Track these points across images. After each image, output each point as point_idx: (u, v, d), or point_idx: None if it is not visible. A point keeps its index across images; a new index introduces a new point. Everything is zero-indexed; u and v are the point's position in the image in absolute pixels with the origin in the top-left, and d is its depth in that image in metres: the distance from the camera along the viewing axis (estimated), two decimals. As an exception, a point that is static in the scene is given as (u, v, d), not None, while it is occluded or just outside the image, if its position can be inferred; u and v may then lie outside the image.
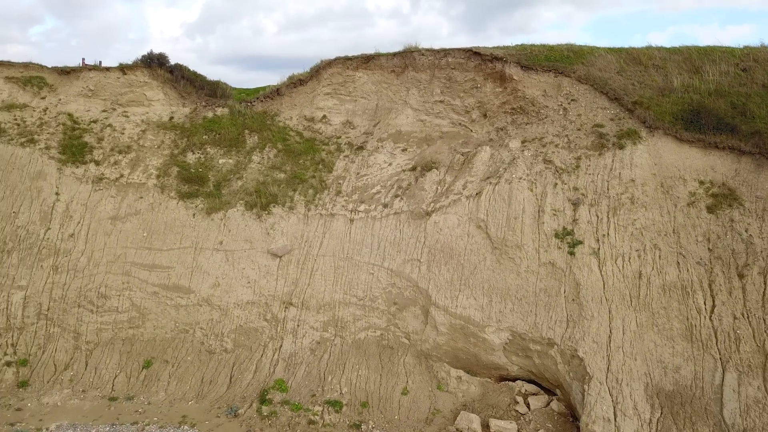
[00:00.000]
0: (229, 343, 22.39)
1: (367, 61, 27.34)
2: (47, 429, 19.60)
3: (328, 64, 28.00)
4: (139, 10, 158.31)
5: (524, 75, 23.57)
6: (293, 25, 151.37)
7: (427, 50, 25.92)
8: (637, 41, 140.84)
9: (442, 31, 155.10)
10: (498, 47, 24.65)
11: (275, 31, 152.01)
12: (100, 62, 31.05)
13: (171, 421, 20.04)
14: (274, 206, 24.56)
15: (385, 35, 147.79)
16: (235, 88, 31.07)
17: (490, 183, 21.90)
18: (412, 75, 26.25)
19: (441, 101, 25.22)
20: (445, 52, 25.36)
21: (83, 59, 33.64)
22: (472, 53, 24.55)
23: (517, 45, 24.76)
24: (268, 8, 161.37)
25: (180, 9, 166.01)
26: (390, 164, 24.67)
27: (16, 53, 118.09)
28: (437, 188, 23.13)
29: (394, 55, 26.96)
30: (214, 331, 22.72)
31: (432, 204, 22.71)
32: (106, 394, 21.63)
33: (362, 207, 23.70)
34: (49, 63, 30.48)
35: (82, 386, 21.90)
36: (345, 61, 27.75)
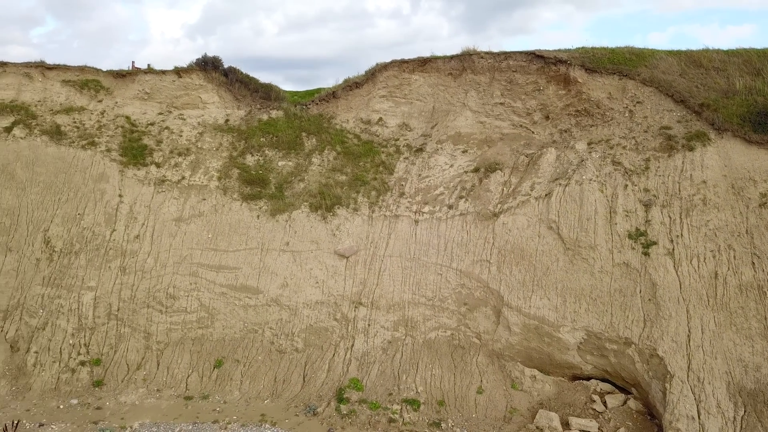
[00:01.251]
0: (300, 343, 22.69)
1: (423, 64, 27.64)
2: (131, 427, 19.89)
3: (383, 67, 28.31)
4: (140, 11, 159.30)
5: (588, 78, 23.85)
6: (293, 25, 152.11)
7: (486, 53, 26.21)
8: (637, 41, 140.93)
9: (443, 31, 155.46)
10: (560, 50, 24.94)
11: (275, 31, 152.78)
12: (131, 64, 31.41)
13: (250, 419, 20.35)
14: (338, 208, 24.86)
15: (385, 36, 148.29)
16: (286, 91, 31.35)
17: (560, 184, 22.15)
18: (471, 77, 26.52)
19: (501, 103, 25.50)
20: (506, 55, 25.64)
21: (133, 62, 34.16)
22: (535, 56, 24.84)
23: (578, 48, 25.04)
24: (268, 9, 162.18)
25: (180, 10, 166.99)
26: (451, 166, 24.95)
27: (17, 55, 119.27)
28: (503, 189, 23.40)
29: (451, 57, 27.25)
30: (284, 330, 23.01)
31: (499, 205, 22.98)
32: (180, 393, 21.95)
33: (426, 208, 23.99)
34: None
35: (156, 385, 22.21)
36: (401, 64, 28.05)
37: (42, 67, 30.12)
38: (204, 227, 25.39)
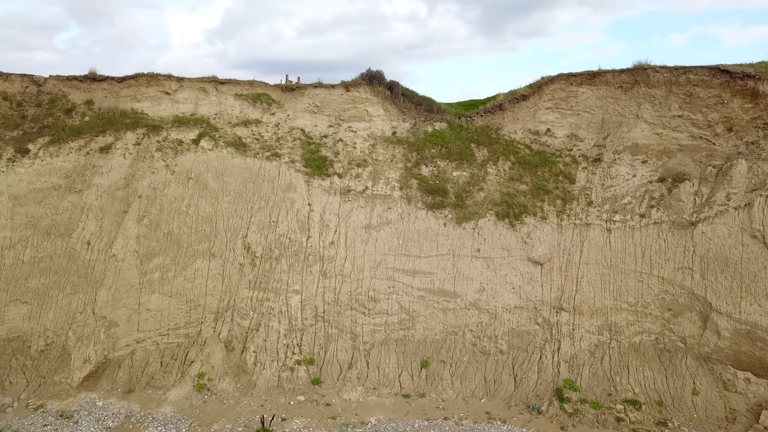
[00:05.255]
0: (504, 345, 23.86)
1: (592, 77, 28.68)
2: (369, 423, 21.25)
3: (550, 80, 29.41)
4: (161, 16, 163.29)
5: (778, 91, 24.66)
6: (310, 29, 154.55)
7: (662, 67, 27.14)
8: (657, 43, 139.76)
9: (459, 34, 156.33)
10: (744, 64, 25.76)
11: (293, 35, 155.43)
12: (291, 78, 32.99)
13: (476, 417, 21.57)
14: (525, 216, 26.02)
15: (401, 39, 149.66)
16: (444, 103, 32.64)
17: (760, 195, 22.99)
18: (644, 90, 27.48)
19: (679, 116, 26.40)
20: (684, 70, 26.55)
21: (287, 75, 35.80)
22: (719, 71, 25.71)
23: (760, 62, 25.84)
24: (286, 13, 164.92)
25: (200, 15, 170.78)
26: (634, 176, 25.92)
27: (42, 61, 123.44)
28: (695, 199, 24.30)
29: (621, 71, 28.22)
30: (486, 333, 24.22)
31: (694, 214, 23.89)
32: (396, 391, 23.28)
33: (617, 217, 25.00)
34: (75, 69, 32.36)
35: (371, 384, 23.57)
36: (568, 78, 29.13)
37: (215, 81, 31.88)
38: (393, 234, 26.76)
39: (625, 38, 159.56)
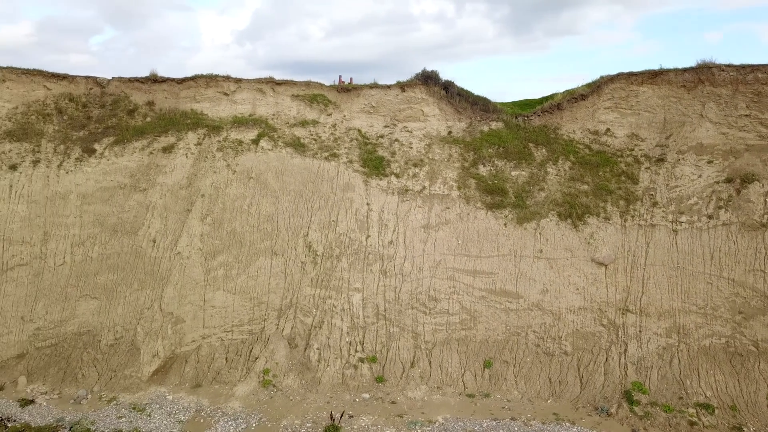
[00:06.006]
0: (568, 346, 23.71)
1: (653, 76, 28.30)
2: (436, 421, 21.33)
3: (609, 80, 29.11)
4: (192, 19, 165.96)
5: None
6: (338, 30, 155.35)
7: (728, 66, 26.66)
8: (690, 40, 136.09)
9: (487, 33, 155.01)
10: (817, 62, 25.19)
11: (321, 36, 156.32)
12: (345, 79, 33.20)
13: (544, 418, 21.47)
14: (588, 217, 25.80)
15: (429, 39, 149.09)
16: (497, 102, 32.54)
17: (837, 196, 22.41)
18: (709, 89, 27.01)
19: (746, 115, 25.89)
20: (752, 68, 26.04)
21: (340, 76, 36.10)
22: (790, 68, 25.17)
23: (834, 60, 25.21)
24: (314, 15, 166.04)
25: (230, 17, 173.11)
26: (699, 176, 25.50)
27: (77, 62, 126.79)
28: (765, 200, 23.80)
29: (684, 70, 27.79)
30: (550, 334, 24.09)
31: (765, 216, 23.40)
32: (460, 391, 23.32)
33: (684, 218, 24.62)
34: (110, 71, 32.84)
35: (434, 383, 23.65)
36: (628, 77, 28.78)
37: (272, 82, 32.33)
38: (452, 234, 26.79)
39: (658, 36, 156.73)
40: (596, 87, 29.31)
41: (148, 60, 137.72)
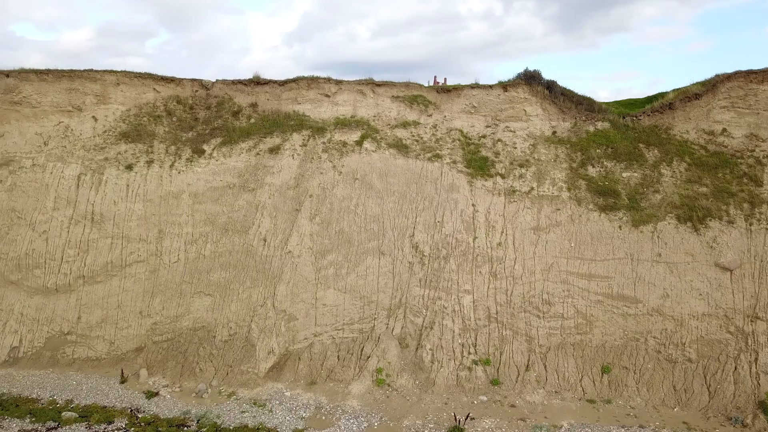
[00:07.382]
0: (692, 354, 22.92)
1: (776, 73, 27.07)
2: (562, 426, 20.98)
3: (726, 78, 28.03)
4: (242, 21, 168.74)
5: None
6: (385, 30, 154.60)
7: None
8: (751, 36, 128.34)
9: (536, 31, 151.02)
10: None
11: (368, 37, 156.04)
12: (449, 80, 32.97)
13: (674, 426, 20.84)
14: (710, 220, 24.89)
15: (476, 38, 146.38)
16: (603, 102, 31.82)
17: None
18: (840, 87, 25.66)
19: None
20: None
21: (435, 77, 36.05)
22: None
23: None
24: (361, 15, 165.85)
25: (279, 19, 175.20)
26: (832, 179, 24.22)
27: (133, 65, 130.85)
28: None
29: (810, 66, 26.48)
30: (672, 340, 23.34)
31: None
32: (579, 396, 22.88)
33: (817, 222, 23.44)
34: (166, 72, 33.26)
35: (551, 387, 23.28)
36: (747, 75, 27.65)
37: (372, 83, 32.52)
38: (563, 236, 26.30)
39: (716, 32, 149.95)
40: (711, 86, 28.26)
41: (201, 62, 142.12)
